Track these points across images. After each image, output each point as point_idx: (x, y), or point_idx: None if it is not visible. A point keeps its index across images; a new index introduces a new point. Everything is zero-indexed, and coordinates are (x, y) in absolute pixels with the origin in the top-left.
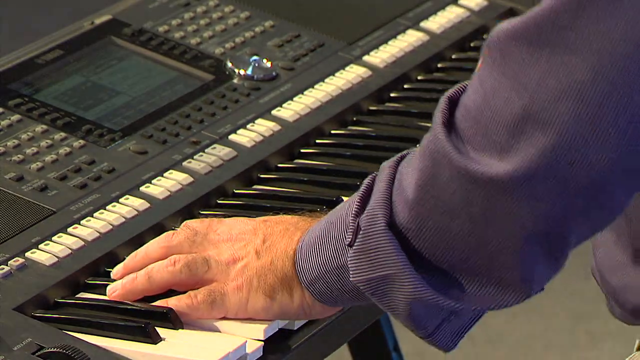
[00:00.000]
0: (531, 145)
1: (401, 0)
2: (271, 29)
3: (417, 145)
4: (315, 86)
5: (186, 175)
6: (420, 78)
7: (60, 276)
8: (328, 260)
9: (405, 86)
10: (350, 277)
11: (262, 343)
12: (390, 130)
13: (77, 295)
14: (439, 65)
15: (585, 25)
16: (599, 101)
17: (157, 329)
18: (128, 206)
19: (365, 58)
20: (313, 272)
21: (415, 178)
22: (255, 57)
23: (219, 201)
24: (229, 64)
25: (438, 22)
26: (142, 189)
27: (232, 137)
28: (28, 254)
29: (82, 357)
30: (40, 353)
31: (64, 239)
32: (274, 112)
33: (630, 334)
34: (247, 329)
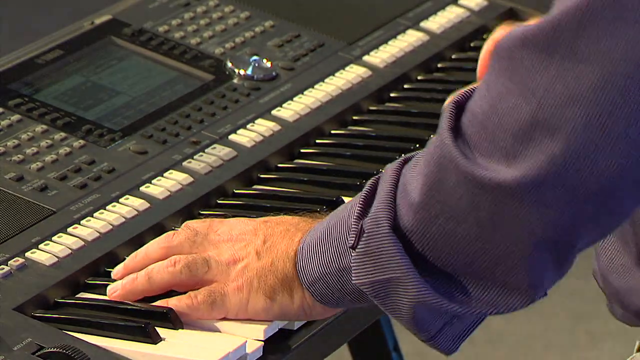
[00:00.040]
0: (540, 152)
1: (401, 0)
2: (271, 29)
3: (417, 145)
4: (315, 86)
5: (186, 175)
6: (420, 78)
7: (60, 276)
8: (329, 262)
9: (405, 86)
10: (353, 280)
11: (262, 343)
12: (390, 130)
13: (77, 295)
14: (439, 65)
15: (595, 34)
16: (609, 109)
17: (157, 329)
18: (128, 206)
19: (365, 58)
20: (314, 273)
21: (420, 182)
22: (255, 57)
23: (219, 201)
24: (229, 64)
25: (438, 22)
26: (142, 189)
27: (232, 137)
28: (28, 254)
29: (82, 357)
30: (40, 353)
31: (64, 239)
32: (274, 112)
33: (631, 335)
34: (247, 329)
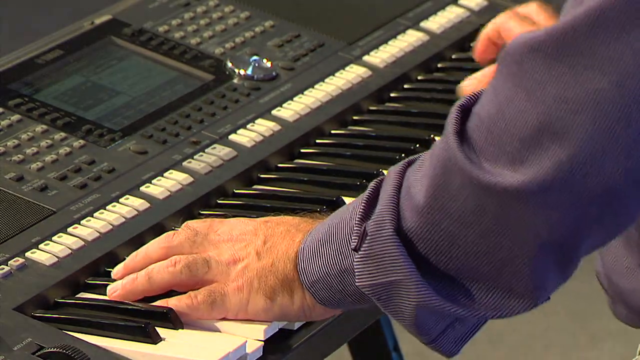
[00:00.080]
0: (547, 158)
1: (401, 0)
2: (271, 29)
3: (417, 145)
4: (315, 86)
5: (186, 175)
6: (420, 78)
7: (60, 276)
8: (331, 263)
9: (405, 86)
10: (355, 282)
11: (262, 343)
12: (390, 130)
13: (77, 295)
14: (439, 65)
15: (605, 40)
16: (617, 116)
17: (157, 329)
18: (128, 206)
19: (365, 58)
20: (315, 274)
21: (425, 185)
22: (255, 57)
23: (219, 201)
24: (229, 64)
25: (438, 22)
26: (142, 189)
27: (232, 137)
28: (28, 254)
29: (82, 357)
30: (40, 353)
31: (64, 239)
32: (274, 112)
33: (631, 335)
34: (247, 329)
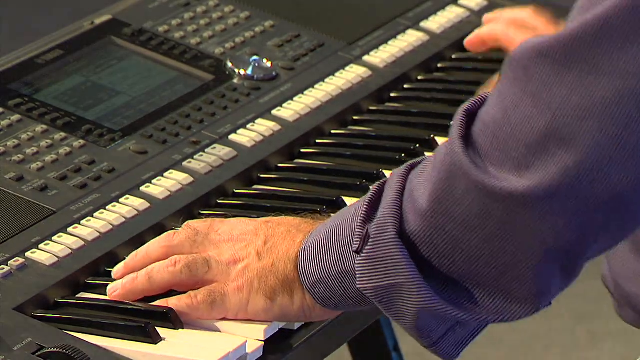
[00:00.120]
0: (553, 164)
1: (401, 0)
2: (271, 29)
3: (417, 145)
4: (315, 86)
5: (186, 175)
6: (420, 78)
7: (61, 276)
8: (332, 264)
9: (405, 86)
10: (357, 284)
11: (262, 343)
12: (390, 130)
13: (77, 295)
14: (439, 65)
15: (613, 47)
16: (624, 122)
17: (158, 328)
18: (128, 206)
19: (365, 58)
20: (316, 275)
21: (429, 189)
22: (255, 57)
23: (219, 201)
24: (229, 64)
25: (438, 22)
26: (142, 189)
27: (232, 137)
28: (28, 254)
29: (82, 357)
30: (41, 353)
31: (64, 238)
32: (274, 112)
33: (631, 335)
34: (248, 329)
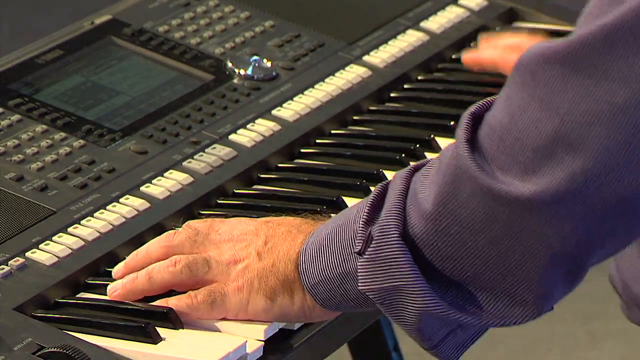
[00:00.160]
0: (560, 169)
1: (401, 0)
2: (271, 29)
3: (417, 145)
4: (316, 86)
5: (186, 175)
6: (420, 78)
7: (61, 276)
8: (333, 266)
9: (405, 86)
10: (359, 286)
11: (262, 343)
12: (390, 130)
13: (77, 295)
14: (439, 65)
15: (622, 53)
16: (632, 129)
17: (158, 328)
18: (128, 206)
19: (365, 58)
20: (316, 276)
21: (434, 192)
22: (255, 57)
23: (219, 201)
24: (229, 64)
25: (438, 22)
26: (142, 189)
27: (232, 137)
28: (28, 254)
29: (82, 357)
30: (41, 353)
31: (64, 238)
32: (274, 112)
33: (631, 335)
34: (248, 329)
